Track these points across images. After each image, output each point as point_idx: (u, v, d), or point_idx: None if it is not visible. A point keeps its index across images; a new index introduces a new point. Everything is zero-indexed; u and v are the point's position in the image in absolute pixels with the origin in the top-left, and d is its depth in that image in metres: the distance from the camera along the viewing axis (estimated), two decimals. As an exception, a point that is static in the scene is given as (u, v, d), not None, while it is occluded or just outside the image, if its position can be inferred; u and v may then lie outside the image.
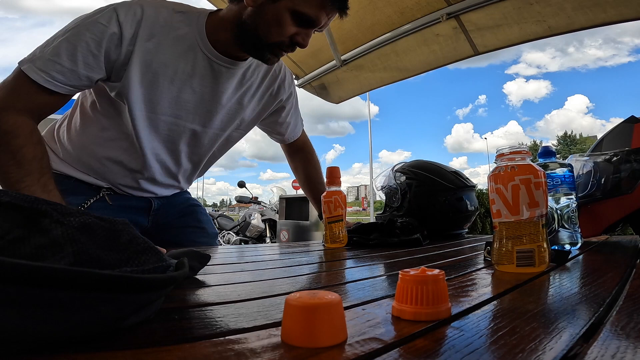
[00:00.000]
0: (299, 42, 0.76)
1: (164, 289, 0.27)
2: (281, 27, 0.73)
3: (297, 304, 0.22)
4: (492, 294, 0.37)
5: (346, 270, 0.58)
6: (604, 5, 1.35)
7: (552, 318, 0.28)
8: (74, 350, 0.20)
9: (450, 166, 1.26)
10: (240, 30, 0.76)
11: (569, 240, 0.71)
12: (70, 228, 0.23)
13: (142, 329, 0.25)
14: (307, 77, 2.17)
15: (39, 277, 0.17)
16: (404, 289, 0.27)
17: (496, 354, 0.21)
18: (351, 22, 1.81)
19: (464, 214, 1.15)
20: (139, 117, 0.78)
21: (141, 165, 0.85)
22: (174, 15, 0.77)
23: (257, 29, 0.74)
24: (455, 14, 1.59)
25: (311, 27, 0.76)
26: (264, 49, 0.76)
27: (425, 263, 0.61)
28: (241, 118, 0.92)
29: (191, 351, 0.21)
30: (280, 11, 0.72)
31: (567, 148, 45.30)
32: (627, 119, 0.88)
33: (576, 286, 0.40)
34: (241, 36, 0.77)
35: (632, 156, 0.80)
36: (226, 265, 0.61)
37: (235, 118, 0.91)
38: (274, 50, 0.77)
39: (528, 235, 0.48)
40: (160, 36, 0.74)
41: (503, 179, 0.49)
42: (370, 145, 16.10)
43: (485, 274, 0.49)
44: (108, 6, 0.72)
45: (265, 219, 4.74)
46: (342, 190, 0.91)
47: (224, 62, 0.81)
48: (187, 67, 0.78)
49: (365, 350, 0.21)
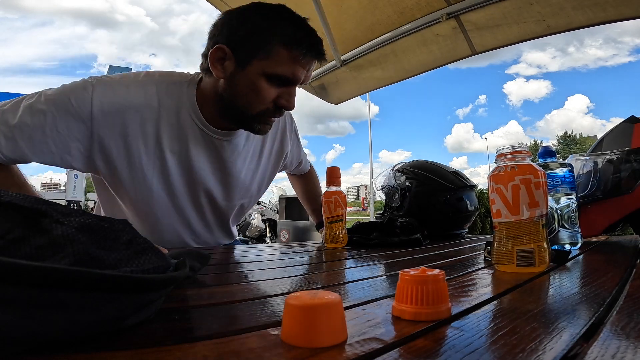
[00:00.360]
0: (284, 105, 0.70)
1: (164, 289, 0.27)
2: (259, 95, 0.67)
3: (297, 304, 0.22)
4: (492, 294, 0.37)
5: (346, 270, 0.58)
6: (604, 5, 1.35)
7: (552, 318, 0.28)
8: (74, 350, 0.20)
9: (450, 166, 1.26)
10: (222, 106, 0.72)
11: (569, 240, 0.71)
12: (71, 228, 0.23)
13: (142, 329, 0.25)
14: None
15: (39, 277, 0.17)
16: (404, 289, 0.27)
17: (496, 354, 0.21)
18: (351, 22, 1.81)
19: (464, 214, 1.15)
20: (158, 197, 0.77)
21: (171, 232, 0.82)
22: (163, 90, 0.72)
23: (236, 101, 0.69)
24: (455, 14, 1.59)
25: (291, 85, 0.69)
26: (250, 121, 0.71)
27: (425, 263, 0.61)
28: (257, 183, 0.90)
29: (191, 351, 0.21)
30: (253, 78, 0.66)
31: (567, 148, 45.29)
32: (627, 118, 0.88)
33: (576, 286, 0.40)
34: (225, 111, 0.73)
35: (632, 156, 0.80)
36: (226, 265, 0.61)
37: (251, 186, 0.89)
38: (261, 120, 0.71)
39: (528, 235, 0.48)
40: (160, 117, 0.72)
41: (503, 179, 0.49)
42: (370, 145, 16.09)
43: (485, 274, 0.49)
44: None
45: (265, 219, 4.75)
46: (342, 190, 0.91)
47: (222, 136, 0.77)
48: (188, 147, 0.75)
49: (365, 350, 0.21)
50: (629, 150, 0.82)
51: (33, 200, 0.23)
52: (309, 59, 0.67)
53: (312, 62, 0.69)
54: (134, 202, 0.76)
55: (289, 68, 0.66)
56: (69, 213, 0.25)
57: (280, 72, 0.66)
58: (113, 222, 0.27)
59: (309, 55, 0.66)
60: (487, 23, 1.58)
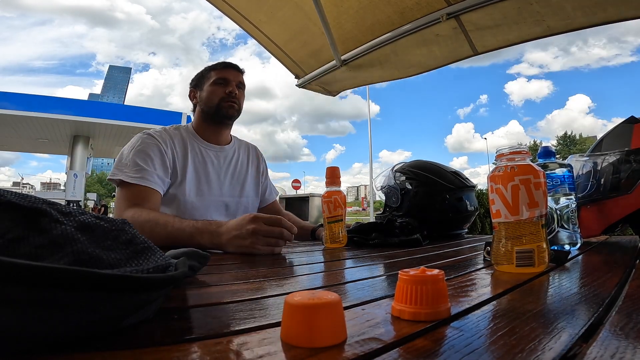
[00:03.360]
0: (230, 91, 1.13)
1: (163, 289, 0.26)
2: (214, 93, 1.13)
3: (297, 304, 0.22)
4: (492, 294, 0.37)
5: (346, 270, 0.58)
6: (604, 5, 1.35)
7: (551, 318, 0.28)
8: (74, 350, 0.20)
9: (450, 166, 1.26)
10: (205, 116, 1.16)
11: (568, 241, 0.71)
12: (70, 227, 0.23)
13: (142, 329, 0.24)
14: (308, 77, 2.17)
15: (38, 277, 0.17)
16: (404, 289, 0.27)
17: (496, 354, 0.21)
18: (351, 22, 1.81)
19: (464, 214, 1.15)
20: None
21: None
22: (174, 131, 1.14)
23: (206, 104, 1.14)
24: (456, 14, 1.59)
25: (228, 82, 1.14)
26: (217, 109, 1.13)
27: (425, 263, 0.61)
28: (250, 184, 1.26)
29: (191, 351, 0.21)
30: (208, 87, 1.14)
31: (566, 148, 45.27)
32: (626, 119, 0.88)
33: (576, 286, 0.40)
34: (207, 118, 1.16)
35: (631, 156, 0.80)
36: (226, 265, 0.61)
37: (245, 184, 1.24)
38: (222, 105, 1.13)
39: (528, 236, 0.48)
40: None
41: (503, 179, 0.49)
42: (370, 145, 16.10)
43: (484, 274, 0.49)
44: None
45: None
46: (342, 190, 0.92)
47: (216, 149, 1.18)
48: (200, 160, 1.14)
49: (365, 350, 0.21)
50: (628, 150, 0.82)
51: (32, 200, 0.23)
52: (230, 69, 1.16)
53: (233, 71, 1.16)
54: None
55: (219, 74, 1.14)
56: (69, 213, 0.25)
57: (216, 77, 1.14)
58: (112, 221, 0.27)
59: (228, 67, 1.17)
60: (487, 23, 1.58)
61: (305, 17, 1.81)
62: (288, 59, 2.10)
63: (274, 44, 2.01)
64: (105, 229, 0.26)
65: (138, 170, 0.96)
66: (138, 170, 0.96)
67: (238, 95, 1.15)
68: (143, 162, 0.98)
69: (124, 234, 0.27)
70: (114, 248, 0.25)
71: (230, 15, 1.88)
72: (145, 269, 0.25)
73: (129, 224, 0.28)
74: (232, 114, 1.15)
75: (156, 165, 1.00)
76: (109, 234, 0.26)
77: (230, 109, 1.14)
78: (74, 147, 11.81)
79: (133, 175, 0.95)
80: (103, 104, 31.75)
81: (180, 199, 1.04)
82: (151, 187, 0.96)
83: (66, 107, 10.66)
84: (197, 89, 1.17)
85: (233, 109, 1.14)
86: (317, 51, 2.00)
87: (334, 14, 1.74)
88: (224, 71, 1.14)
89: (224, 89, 1.12)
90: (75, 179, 11.39)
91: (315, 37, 1.90)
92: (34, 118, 10.09)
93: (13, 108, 9.79)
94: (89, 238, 0.24)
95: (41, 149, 14.89)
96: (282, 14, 1.82)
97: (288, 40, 2.00)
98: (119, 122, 10.90)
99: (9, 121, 10.17)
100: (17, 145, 13.75)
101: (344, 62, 1.99)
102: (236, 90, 1.14)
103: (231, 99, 1.13)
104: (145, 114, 11.54)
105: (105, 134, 11.94)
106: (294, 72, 2.20)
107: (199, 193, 1.09)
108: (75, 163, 11.63)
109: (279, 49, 2.04)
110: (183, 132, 1.14)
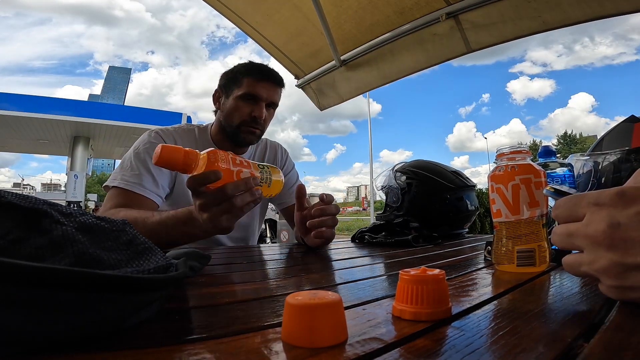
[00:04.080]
0: (255, 116, 0.96)
1: (164, 290, 0.27)
2: (238, 111, 0.96)
3: (297, 304, 0.22)
4: (493, 293, 0.37)
5: (346, 270, 0.58)
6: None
7: (552, 318, 0.28)
8: (74, 350, 0.20)
9: (451, 166, 1.26)
10: (223, 130, 1.01)
11: (569, 240, 0.71)
12: (71, 228, 0.23)
13: (143, 329, 0.24)
14: (307, 77, 2.17)
15: (39, 278, 0.17)
16: (405, 289, 0.27)
17: (497, 354, 0.21)
18: (351, 23, 1.81)
19: (464, 214, 1.15)
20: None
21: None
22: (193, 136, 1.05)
23: (226, 120, 0.99)
24: (455, 13, 1.59)
25: (258, 101, 0.96)
26: (235, 132, 0.98)
27: (425, 263, 0.61)
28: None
29: (191, 351, 0.21)
30: (233, 100, 0.97)
31: (567, 147, 45.24)
32: (627, 118, 0.88)
33: (577, 286, 0.40)
34: (224, 132, 1.01)
35: (632, 156, 0.80)
36: (226, 266, 0.61)
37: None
38: (242, 130, 0.97)
39: (528, 235, 0.48)
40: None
41: (503, 178, 0.49)
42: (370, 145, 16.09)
43: (485, 273, 0.49)
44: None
45: (265, 219, 4.74)
46: None
47: None
48: None
49: (366, 350, 0.21)
50: (629, 149, 0.82)
51: (33, 201, 0.23)
52: (268, 82, 0.97)
53: (272, 86, 0.98)
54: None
55: (252, 88, 0.96)
56: (69, 213, 0.25)
57: (247, 91, 0.96)
58: (113, 222, 0.27)
59: (266, 78, 0.97)
60: (484, 22, 1.57)
61: (304, 18, 1.81)
62: (287, 60, 2.10)
63: (272, 45, 2.01)
64: (106, 230, 0.26)
65: (134, 175, 0.87)
66: (134, 175, 0.87)
67: (265, 118, 0.98)
68: (142, 166, 0.89)
69: (125, 235, 0.27)
70: (115, 249, 0.25)
71: (228, 16, 1.89)
72: (146, 269, 0.25)
73: (130, 224, 0.29)
74: (251, 141, 1.01)
75: (154, 172, 0.90)
76: (110, 235, 0.26)
77: (249, 136, 0.98)
78: (74, 148, 11.83)
79: (128, 181, 0.86)
80: (103, 104, 31.74)
81: (182, 205, 0.99)
82: (144, 194, 0.87)
83: (66, 108, 10.69)
84: (223, 93, 1.01)
85: (253, 135, 0.99)
86: (317, 51, 2.00)
87: (334, 14, 1.74)
88: (258, 84, 0.96)
89: (251, 110, 0.95)
90: (75, 180, 11.40)
91: (314, 38, 1.90)
92: (34, 119, 10.10)
93: (13, 109, 9.80)
94: (89, 239, 0.24)
95: (41, 150, 14.90)
96: (279, 15, 1.82)
97: (287, 41, 2.00)
98: (119, 122, 10.92)
99: (9, 122, 10.19)
100: (18, 146, 13.77)
101: (344, 62, 1.99)
102: (264, 113, 0.97)
103: (254, 124, 0.97)
104: (145, 115, 11.56)
105: (105, 134, 11.95)
106: (294, 72, 2.20)
107: None
108: (75, 164, 11.65)
109: (278, 50, 2.04)
110: (197, 134, 1.03)
